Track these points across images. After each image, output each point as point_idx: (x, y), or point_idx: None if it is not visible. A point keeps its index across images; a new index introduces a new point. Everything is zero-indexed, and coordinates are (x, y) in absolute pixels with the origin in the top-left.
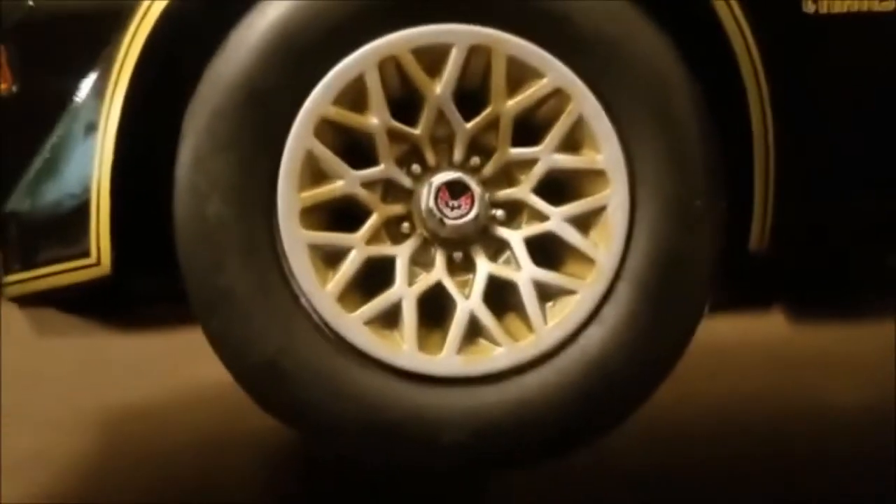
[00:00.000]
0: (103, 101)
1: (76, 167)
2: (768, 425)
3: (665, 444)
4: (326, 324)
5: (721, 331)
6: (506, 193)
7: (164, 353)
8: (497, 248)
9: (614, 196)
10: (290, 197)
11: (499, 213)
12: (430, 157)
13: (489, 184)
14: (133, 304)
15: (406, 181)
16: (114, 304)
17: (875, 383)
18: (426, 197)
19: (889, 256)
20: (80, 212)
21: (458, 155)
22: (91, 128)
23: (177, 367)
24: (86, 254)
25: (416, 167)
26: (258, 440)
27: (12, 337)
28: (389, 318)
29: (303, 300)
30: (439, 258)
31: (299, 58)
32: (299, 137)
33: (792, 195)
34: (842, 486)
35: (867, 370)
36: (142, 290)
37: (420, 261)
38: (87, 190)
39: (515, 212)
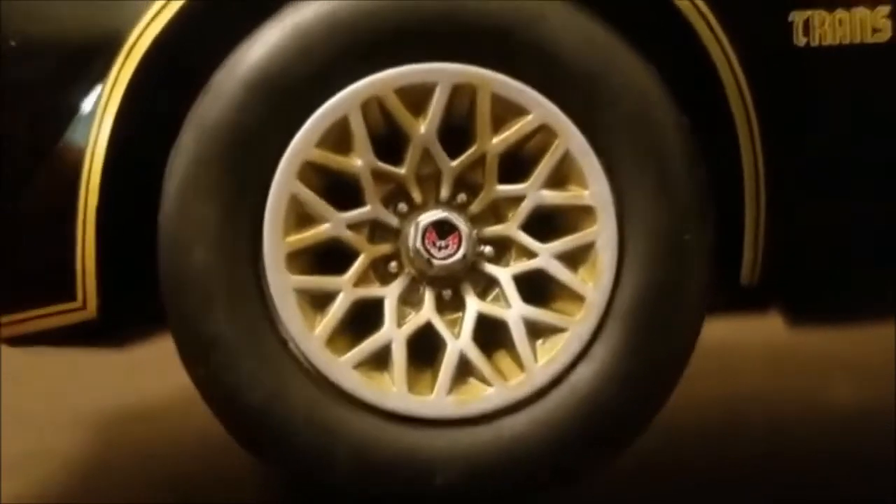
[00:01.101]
0: (87, 143)
1: (60, 210)
2: (768, 425)
3: (664, 444)
4: (315, 368)
5: (721, 331)
6: (493, 230)
7: (165, 353)
8: (486, 285)
9: (602, 232)
10: (275, 242)
11: (487, 249)
12: (417, 196)
13: (477, 221)
14: (127, 332)
15: (393, 220)
16: (106, 336)
17: (875, 383)
18: (413, 237)
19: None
20: (65, 255)
21: (444, 192)
22: (75, 170)
23: (177, 367)
24: (71, 297)
25: (402, 206)
26: None
27: None
28: (379, 360)
29: (291, 345)
30: (428, 297)
31: (282, 101)
32: (283, 182)
33: (783, 227)
34: (842, 486)
35: (867, 370)
36: (134, 319)
37: (409, 300)
38: (72, 233)
39: (504, 248)
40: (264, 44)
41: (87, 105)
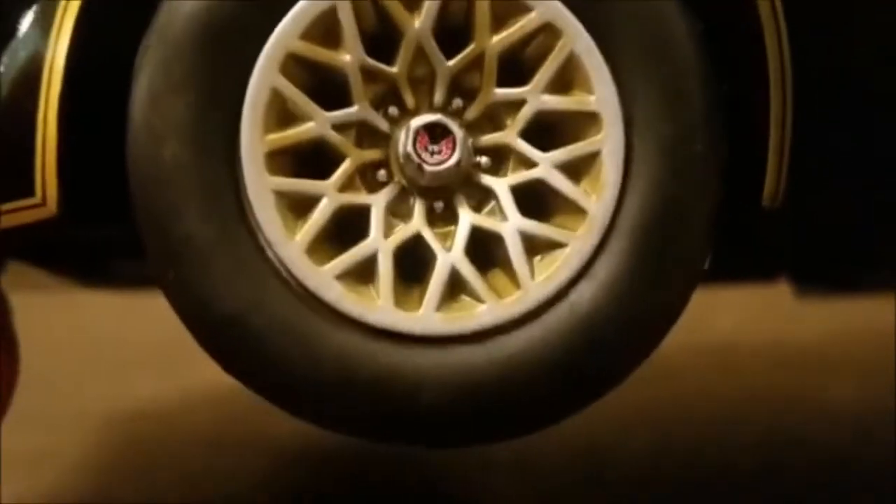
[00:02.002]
0: (50, 27)
1: (20, 99)
2: (768, 425)
3: (664, 444)
4: (295, 278)
5: (721, 330)
6: (490, 138)
7: (166, 353)
8: (481, 198)
9: (608, 140)
10: (254, 139)
11: (483, 159)
12: (409, 99)
13: (472, 128)
14: (100, 258)
15: (382, 124)
16: (78, 257)
17: (875, 383)
18: (404, 141)
19: None
20: (23, 147)
21: (438, 96)
22: (36, 58)
23: (180, 366)
24: (30, 192)
25: (393, 110)
26: (262, 441)
27: None
28: (364, 273)
29: (269, 252)
30: (418, 208)
31: None
32: (264, 74)
33: (815, 142)
34: (842, 486)
35: (867, 370)
36: (106, 242)
37: (398, 211)
38: (31, 123)
39: (501, 158)
40: None
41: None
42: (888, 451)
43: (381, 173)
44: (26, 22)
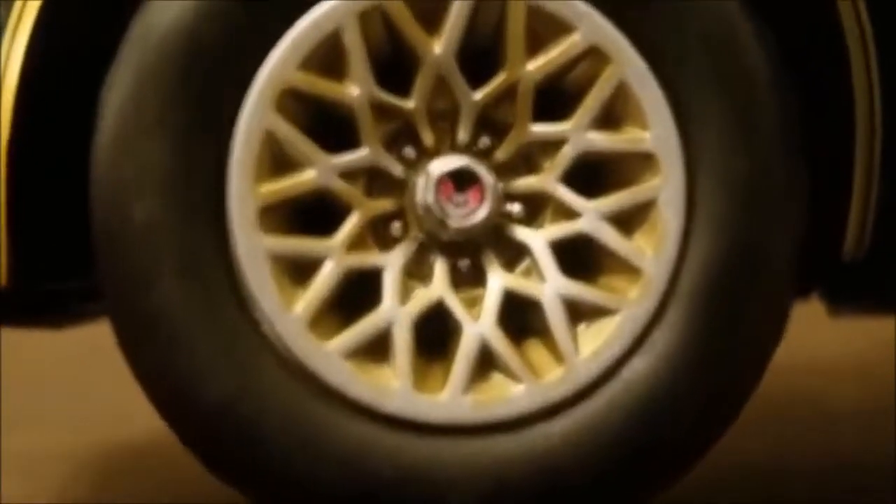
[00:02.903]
0: None
1: None
2: (767, 425)
3: None
4: (294, 357)
5: None
6: (525, 183)
7: None
8: (514, 254)
9: (666, 186)
10: (244, 193)
11: (516, 208)
12: (428, 137)
13: (503, 171)
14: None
15: (396, 169)
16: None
17: (875, 383)
18: (423, 191)
19: None
20: None
21: (463, 134)
22: None
23: None
24: None
25: (409, 150)
26: None
27: (12, 337)
28: (377, 348)
29: (264, 327)
30: (440, 268)
31: (255, 7)
32: (256, 113)
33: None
34: (842, 487)
35: (867, 370)
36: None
37: (416, 270)
38: None
39: (537, 207)
40: None
41: None
42: (888, 451)
43: (396, 226)
44: None
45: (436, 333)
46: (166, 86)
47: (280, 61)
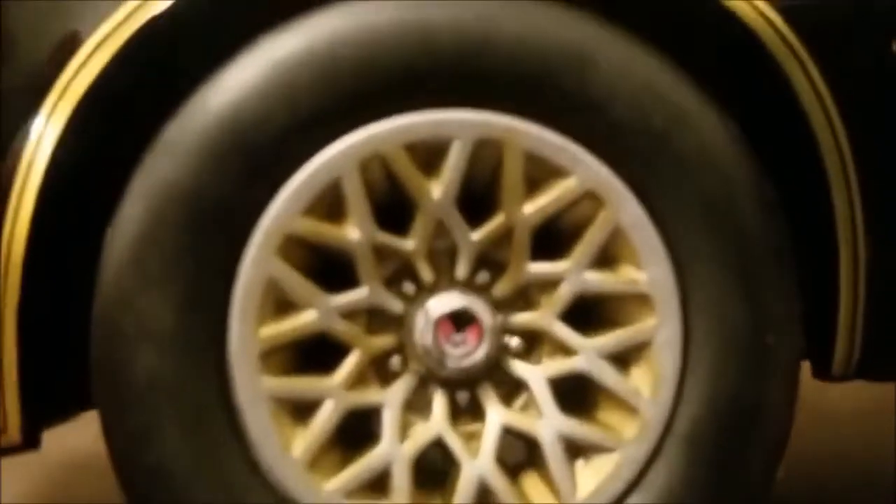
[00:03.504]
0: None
1: None
2: None
3: None
4: (295, 502)
5: None
6: (523, 319)
7: None
8: (512, 388)
9: (662, 328)
10: (246, 338)
11: (514, 341)
12: (426, 274)
13: (501, 306)
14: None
15: (396, 306)
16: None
17: (875, 386)
18: (422, 331)
19: None
20: None
21: (461, 271)
22: None
23: None
24: None
25: (408, 286)
26: None
27: None
28: (377, 484)
29: (263, 470)
30: (439, 402)
31: (256, 158)
32: (259, 262)
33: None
34: (842, 487)
35: None
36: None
37: (415, 404)
38: None
39: (535, 342)
40: (233, 85)
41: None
42: (888, 452)
43: (395, 361)
44: None
45: (434, 462)
46: (168, 239)
47: (283, 209)
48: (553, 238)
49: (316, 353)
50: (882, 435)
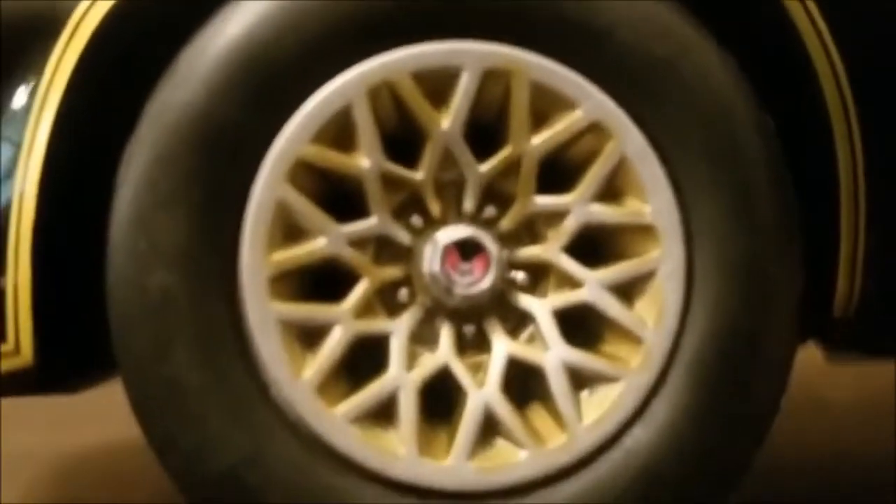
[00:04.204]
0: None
1: None
2: None
3: None
4: (304, 423)
5: None
6: (529, 253)
7: None
8: (518, 321)
9: (666, 259)
10: (256, 262)
11: (520, 276)
12: (434, 207)
13: (508, 240)
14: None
15: (404, 237)
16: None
17: (875, 383)
18: (430, 259)
19: None
20: None
21: (469, 204)
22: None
23: None
24: (1, 337)
25: (416, 219)
26: None
27: None
28: (383, 413)
29: (273, 392)
30: (446, 333)
31: (268, 84)
32: (269, 185)
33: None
34: (841, 484)
35: (867, 370)
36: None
37: (421, 336)
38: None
39: (540, 276)
40: (246, 12)
41: (18, 105)
42: (888, 452)
43: (403, 293)
44: None
45: (441, 398)
46: (181, 162)
47: (293, 135)
48: (558, 177)
49: (324, 288)
50: (882, 432)
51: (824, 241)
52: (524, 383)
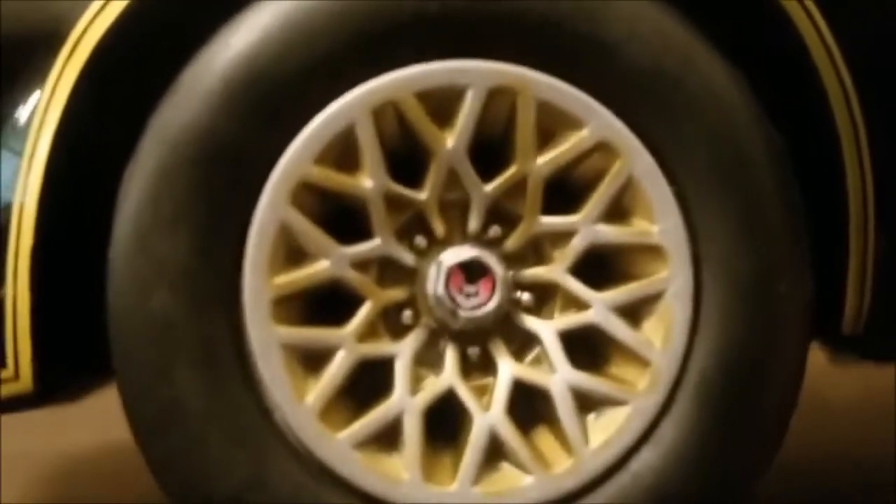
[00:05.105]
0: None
1: None
2: None
3: None
4: (306, 448)
5: None
6: (535, 273)
7: None
8: (523, 343)
9: (674, 279)
10: (258, 284)
11: (525, 296)
12: (439, 227)
13: (513, 260)
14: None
15: (408, 258)
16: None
17: (875, 383)
18: (434, 281)
19: None
20: None
21: (473, 224)
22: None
23: None
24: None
25: (420, 240)
26: None
27: None
28: (387, 438)
29: (275, 417)
30: (450, 355)
31: (272, 104)
32: (272, 207)
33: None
34: (841, 484)
35: (867, 370)
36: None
37: (426, 358)
38: None
39: (546, 296)
40: (251, 30)
41: (20, 119)
42: (888, 451)
43: (407, 314)
44: None
45: (445, 420)
46: (183, 182)
47: (296, 156)
48: (564, 196)
49: (327, 312)
50: (882, 433)
51: (831, 251)
52: (529, 404)
